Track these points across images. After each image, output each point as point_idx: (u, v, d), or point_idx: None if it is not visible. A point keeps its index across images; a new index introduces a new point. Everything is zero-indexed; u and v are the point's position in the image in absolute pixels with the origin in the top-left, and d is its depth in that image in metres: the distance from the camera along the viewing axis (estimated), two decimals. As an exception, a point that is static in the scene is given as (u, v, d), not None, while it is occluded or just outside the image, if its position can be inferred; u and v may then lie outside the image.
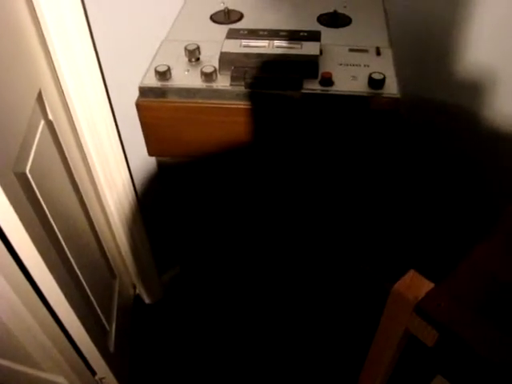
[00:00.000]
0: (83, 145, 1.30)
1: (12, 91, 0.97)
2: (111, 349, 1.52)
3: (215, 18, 1.14)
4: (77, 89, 1.19)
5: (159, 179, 1.16)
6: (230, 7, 1.15)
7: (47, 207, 1.10)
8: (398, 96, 0.90)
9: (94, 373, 1.43)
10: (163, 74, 0.96)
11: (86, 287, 1.37)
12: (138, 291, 1.86)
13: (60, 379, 1.38)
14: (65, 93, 1.20)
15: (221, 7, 1.16)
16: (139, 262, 1.71)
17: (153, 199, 1.54)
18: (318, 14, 1.13)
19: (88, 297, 1.38)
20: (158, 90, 0.96)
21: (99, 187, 1.43)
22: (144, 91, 0.97)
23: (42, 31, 1.11)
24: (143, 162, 1.41)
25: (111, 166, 1.34)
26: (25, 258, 1.01)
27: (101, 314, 1.47)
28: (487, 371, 0.76)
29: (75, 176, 1.29)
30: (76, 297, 1.24)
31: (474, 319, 0.72)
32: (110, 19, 1.15)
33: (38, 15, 1.08)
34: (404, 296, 0.77)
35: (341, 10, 1.14)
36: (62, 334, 1.26)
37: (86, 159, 1.35)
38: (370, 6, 1.17)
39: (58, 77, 1.18)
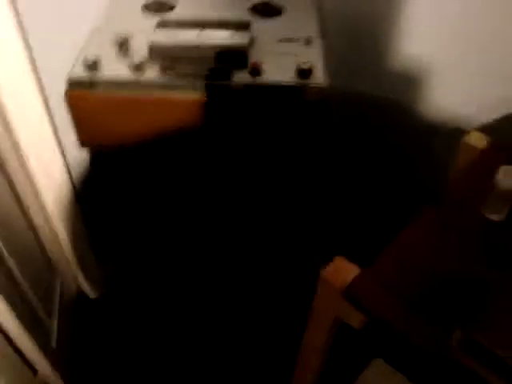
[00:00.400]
0: (16, 137, 1.27)
1: None
2: (53, 345, 1.50)
3: (147, 7, 1.12)
4: (8, 81, 1.16)
5: (93, 171, 1.14)
6: (162, -4, 1.14)
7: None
8: (325, 86, 0.92)
9: (35, 371, 1.41)
10: (92, 65, 0.95)
11: (24, 283, 1.34)
12: (81, 287, 1.83)
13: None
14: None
15: (153, -4, 1.15)
16: (80, 256, 1.69)
17: (90, 192, 1.51)
18: (250, 5, 1.14)
19: (25, 293, 1.35)
20: (87, 82, 0.95)
21: (35, 180, 1.39)
22: (72, 83, 0.95)
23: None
24: (79, 153, 1.38)
25: (46, 158, 1.31)
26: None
27: (40, 310, 1.45)
28: (409, 349, 0.79)
29: (8, 169, 1.26)
30: (12, 293, 1.22)
31: (400, 303, 0.74)
32: (40, 9, 1.12)
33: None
34: (331, 282, 0.79)
35: (273, 0, 1.14)
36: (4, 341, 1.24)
37: (20, 151, 1.31)
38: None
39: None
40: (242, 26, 1.01)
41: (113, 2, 1.16)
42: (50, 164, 1.35)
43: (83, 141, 1.04)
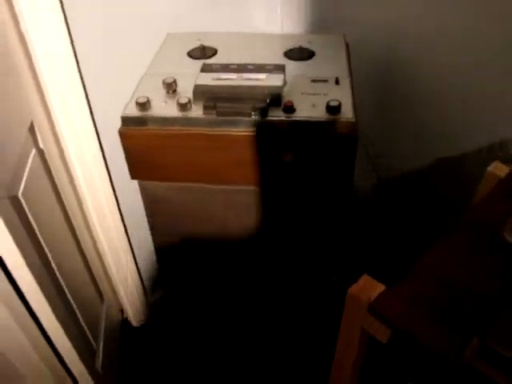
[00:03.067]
0: (71, 171, 1.40)
1: (5, 122, 1.07)
2: (99, 369, 1.58)
3: (192, 54, 1.25)
4: (66, 120, 1.29)
5: (144, 203, 1.25)
6: (206, 44, 1.27)
7: (38, 230, 1.18)
8: (354, 120, 1.01)
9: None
10: (143, 105, 1.07)
11: (75, 308, 1.44)
12: (125, 315, 1.92)
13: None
14: (55, 124, 1.30)
15: (197, 44, 1.27)
16: (126, 284, 1.79)
17: (138, 223, 1.62)
18: (285, 50, 1.25)
19: (76, 316, 1.45)
20: (139, 119, 1.06)
21: (86, 211, 1.51)
22: (126, 120, 1.07)
23: (34, 68, 1.21)
24: (128, 186, 1.50)
25: (98, 190, 1.43)
26: (17, 277, 1.09)
27: (89, 335, 1.54)
28: (436, 363, 0.84)
29: (64, 201, 1.38)
30: (65, 315, 1.31)
31: (422, 316, 0.80)
32: (96, 55, 1.26)
33: (31, 53, 1.18)
34: (358, 298, 0.86)
35: (305, 46, 1.25)
36: (51, 352, 1.33)
37: (74, 184, 1.44)
38: (333, 41, 1.29)
39: (49, 109, 1.29)
40: (277, 69, 1.12)
41: (161, 50, 1.29)
42: (100, 198, 1.47)
43: (134, 173, 1.14)
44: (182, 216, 1.25)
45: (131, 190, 1.31)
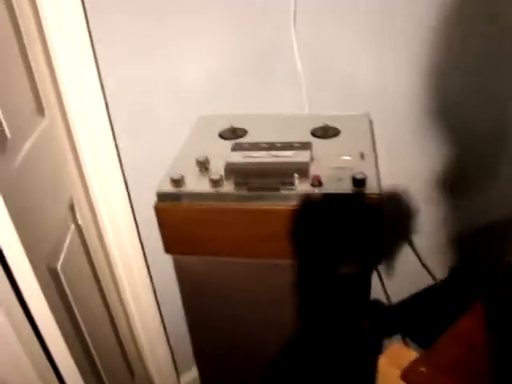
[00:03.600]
0: (107, 247, 1.46)
1: (48, 198, 1.15)
2: None
3: (223, 135, 1.33)
4: (103, 198, 1.37)
5: (177, 277, 1.28)
6: (236, 125, 1.35)
7: (74, 303, 1.22)
8: (379, 193, 1.05)
9: None
10: (177, 182, 1.13)
11: (106, 381, 1.45)
12: (157, 393, 1.90)
13: None
14: (93, 201, 1.38)
15: (228, 126, 1.35)
16: (158, 363, 1.79)
17: (172, 300, 1.65)
18: (311, 129, 1.32)
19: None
20: (173, 195, 1.12)
21: (121, 287, 1.55)
22: (161, 196, 1.13)
23: (76, 149, 1.31)
24: (161, 262, 1.54)
25: (132, 266, 1.48)
26: (52, 347, 1.12)
27: (120, 412, 1.53)
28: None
29: (99, 276, 1.42)
30: None
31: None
32: (133, 137, 1.35)
33: (74, 136, 1.28)
34: (389, 366, 0.86)
35: (331, 125, 1.32)
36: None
37: (110, 260, 1.49)
38: (357, 120, 1.35)
39: (87, 187, 1.36)
40: (303, 146, 1.17)
41: (193, 132, 1.37)
42: (134, 273, 1.52)
43: (168, 247, 1.19)
44: (216, 291, 1.28)
45: (165, 266, 1.35)
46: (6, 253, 0.97)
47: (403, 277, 1.57)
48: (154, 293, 1.61)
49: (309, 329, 1.32)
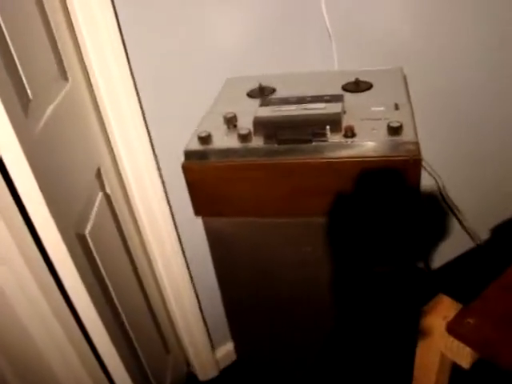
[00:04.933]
0: (136, 213, 1.43)
1: (75, 167, 1.13)
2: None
3: (251, 94, 1.28)
4: (131, 166, 1.34)
5: (208, 241, 1.25)
6: (264, 84, 1.30)
7: (103, 268, 1.20)
8: (416, 140, 0.99)
9: None
10: (205, 139, 1.09)
11: (142, 358, 1.43)
12: (191, 368, 1.88)
13: None
14: (120, 168, 1.35)
15: (256, 85, 1.30)
16: (192, 337, 1.76)
17: (204, 269, 1.62)
18: (342, 84, 1.26)
19: (143, 368, 1.44)
20: (201, 152, 1.09)
21: (150, 253, 1.53)
22: (188, 154, 1.10)
23: (102, 119, 1.28)
24: (191, 226, 1.50)
25: (161, 231, 1.46)
26: (82, 312, 1.10)
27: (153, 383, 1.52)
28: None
29: (129, 242, 1.41)
30: (133, 367, 1.31)
31: (504, 335, 0.74)
32: (160, 100, 1.32)
33: (99, 104, 1.26)
34: (434, 317, 0.80)
35: (363, 79, 1.26)
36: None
37: (138, 226, 1.47)
38: (390, 74, 1.29)
39: (115, 157, 1.34)
40: (335, 99, 1.12)
41: (221, 93, 1.33)
42: (163, 232, 1.49)
43: (198, 208, 1.15)
44: (247, 253, 1.24)
45: (196, 232, 1.32)
46: (32, 217, 0.95)
47: (443, 240, 1.50)
48: (186, 263, 1.58)
49: (344, 291, 1.28)
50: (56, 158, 1.04)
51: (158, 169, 1.36)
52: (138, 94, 1.28)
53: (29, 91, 0.97)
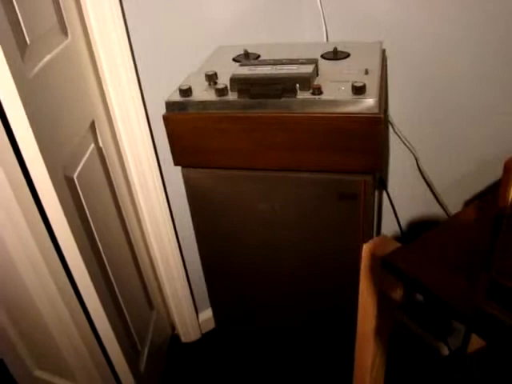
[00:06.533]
0: (127, 171, 1.52)
1: (69, 116, 1.22)
2: (142, 372, 1.62)
3: (236, 59, 1.37)
4: (123, 120, 1.43)
5: (186, 194, 1.32)
6: (251, 51, 1.38)
7: (90, 213, 1.29)
8: (377, 99, 1.06)
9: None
10: (185, 92, 1.18)
11: (124, 308, 1.51)
12: (175, 330, 1.96)
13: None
14: (114, 126, 1.45)
15: (242, 51, 1.39)
16: (176, 296, 1.84)
17: (190, 229, 1.69)
18: (320, 53, 1.34)
19: (125, 317, 1.52)
20: (180, 103, 1.17)
21: (138, 207, 1.62)
22: (169, 105, 1.18)
23: (99, 75, 1.38)
24: (177, 179, 1.59)
25: (148, 182, 1.54)
26: (68, 257, 1.19)
27: (135, 336, 1.60)
28: (454, 317, 0.82)
29: (116, 191, 1.49)
30: (113, 313, 1.40)
31: (438, 271, 0.79)
32: (153, 61, 1.41)
33: (98, 65, 1.35)
34: (372, 252, 0.86)
35: (341, 49, 1.33)
36: (98, 349, 1.41)
37: (127, 177, 1.55)
38: (369, 46, 1.36)
39: (108, 109, 1.43)
40: (309, 62, 1.20)
41: (209, 57, 1.42)
42: (152, 196, 1.58)
43: (177, 159, 1.24)
44: (222, 206, 1.32)
45: (181, 185, 1.40)
46: (22, 152, 1.05)
47: (416, 208, 1.56)
48: (172, 218, 1.67)
49: (311, 249, 1.34)
50: (49, 103, 1.13)
51: (148, 123, 1.45)
52: (132, 52, 1.37)
53: (26, 36, 1.06)
